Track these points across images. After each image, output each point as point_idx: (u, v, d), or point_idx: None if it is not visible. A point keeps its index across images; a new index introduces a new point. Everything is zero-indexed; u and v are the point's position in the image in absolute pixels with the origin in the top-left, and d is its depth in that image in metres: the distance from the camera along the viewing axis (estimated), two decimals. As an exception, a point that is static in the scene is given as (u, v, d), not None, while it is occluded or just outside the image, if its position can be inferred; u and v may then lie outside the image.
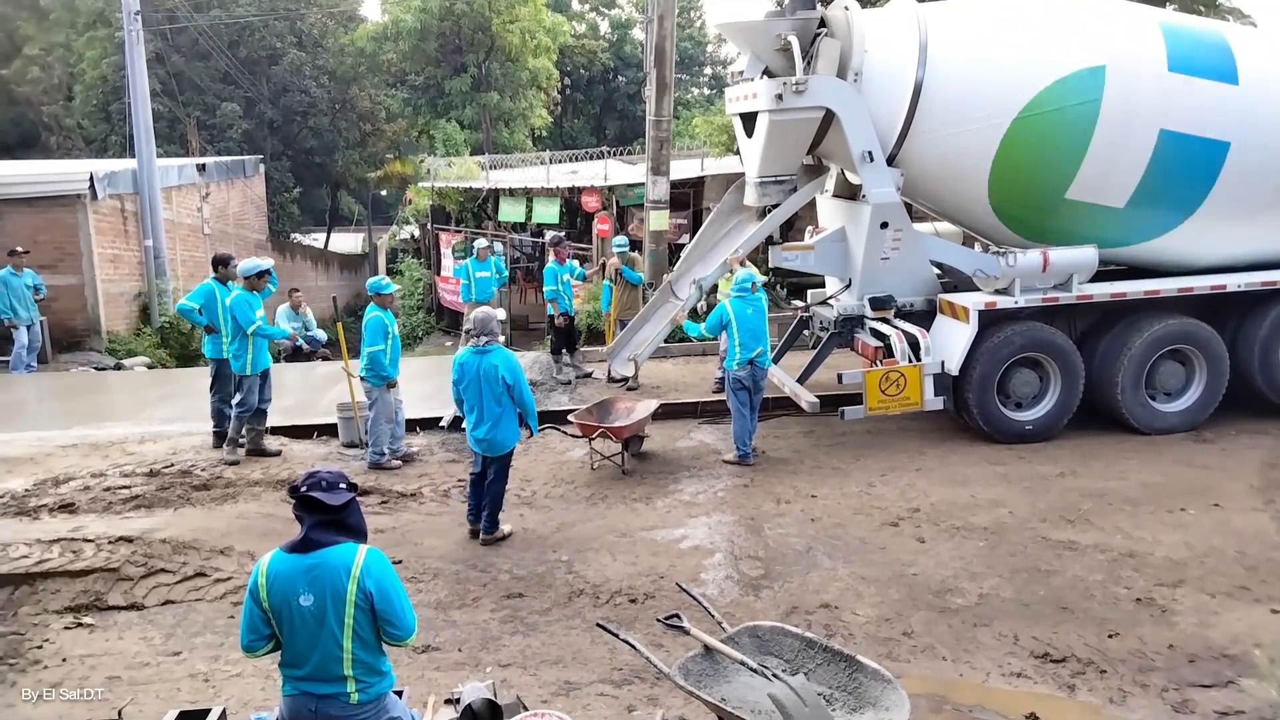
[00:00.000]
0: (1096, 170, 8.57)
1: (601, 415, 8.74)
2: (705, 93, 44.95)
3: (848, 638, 5.40)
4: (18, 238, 13.38)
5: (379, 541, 6.19)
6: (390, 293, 8.56)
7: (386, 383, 8.39)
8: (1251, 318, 9.17)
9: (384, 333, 8.30)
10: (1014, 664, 5.12)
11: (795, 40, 8.57)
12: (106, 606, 5.86)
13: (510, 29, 30.05)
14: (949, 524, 7.02)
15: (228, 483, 7.97)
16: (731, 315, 8.25)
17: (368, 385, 8.39)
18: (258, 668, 5.04)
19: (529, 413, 6.88)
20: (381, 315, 8.35)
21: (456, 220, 23.80)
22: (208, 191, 19.60)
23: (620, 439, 8.42)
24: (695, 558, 6.57)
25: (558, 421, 8.92)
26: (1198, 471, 8.05)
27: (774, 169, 9.14)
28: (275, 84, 28.59)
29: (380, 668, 3.45)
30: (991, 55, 8.52)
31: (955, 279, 9.44)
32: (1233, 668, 5.01)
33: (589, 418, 8.62)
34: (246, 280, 8.67)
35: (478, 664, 5.20)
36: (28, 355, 12.66)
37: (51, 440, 9.20)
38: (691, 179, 18.52)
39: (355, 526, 3.41)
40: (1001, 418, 8.87)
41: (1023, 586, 6.00)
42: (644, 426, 8.73)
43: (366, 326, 8.30)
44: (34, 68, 28.92)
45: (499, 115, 31.77)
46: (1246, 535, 6.65)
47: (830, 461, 8.62)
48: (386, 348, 8.32)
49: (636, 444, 8.81)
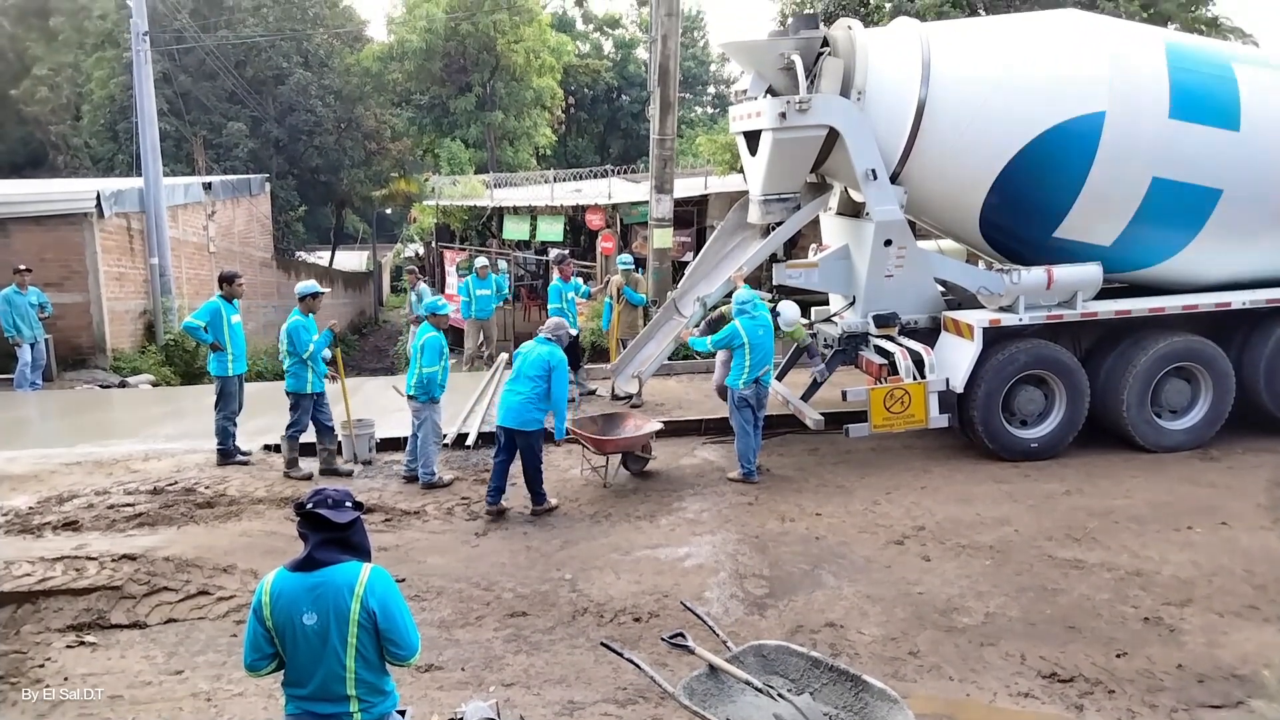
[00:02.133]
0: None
1: (606, 428, 8.72)
2: (709, 112, 45.21)
3: (853, 657, 5.36)
4: (25, 256, 13.45)
5: (383, 560, 6.17)
6: (446, 313, 8.65)
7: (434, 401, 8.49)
8: (1257, 335, 9.16)
9: (440, 353, 8.38)
10: (1021, 684, 5.08)
11: (799, 59, 8.62)
12: (109, 625, 5.84)
13: (515, 49, 30.27)
14: (954, 542, 6.99)
15: (231, 500, 7.96)
16: (745, 338, 8.25)
17: (417, 404, 8.42)
18: (260, 687, 5.01)
19: (557, 410, 7.66)
20: (439, 336, 8.43)
21: (461, 238, 23.90)
22: (213, 210, 19.70)
23: (603, 453, 8.38)
24: (699, 576, 6.54)
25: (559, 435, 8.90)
26: (1204, 490, 8.02)
27: (777, 187, 9.17)
28: (281, 103, 28.77)
29: (384, 687, 3.43)
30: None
31: (959, 296, 9.44)
32: (1243, 688, 4.97)
33: (591, 428, 8.61)
34: (302, 302, 8.68)
35: (481, 683, 5.17)
36: (32, 373, 12.69)
37: (55, 458, 9.20)
38: (695, 197, 18.60)
39: (359, 545, 3.40)
40: (1007, 435, 8.85)
41: (1029, 605, 5.96)
42: (639, 445, 8.67)
43: (425, 346, 8.34)
44: (42, 87, 29.15)
45: (503, 134, 31.95)
46: (1255, 554, 6.61)
47: (835, 479, 8.59)
48: (439, 368, 8.39)
49: (638, 463, 8.78)
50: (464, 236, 23.90)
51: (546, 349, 7.71)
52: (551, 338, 7.83)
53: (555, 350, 7.72)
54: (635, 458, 8.77)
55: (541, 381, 7.59)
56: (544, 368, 7.59)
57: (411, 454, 8.65)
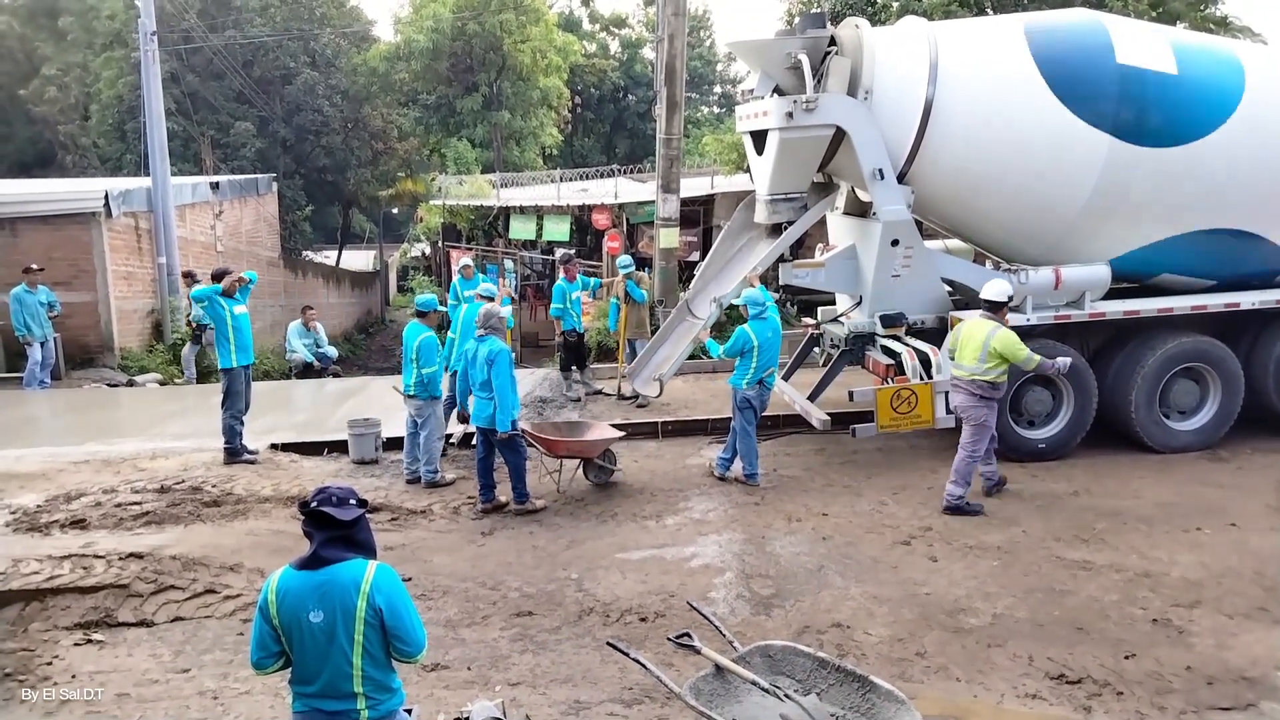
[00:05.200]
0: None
1: (568, 433, 8.62)
2: (715, 111, 45.21)
3: (860, 658, 5.35)
4: (34, 255, 13.50)
5: (388, 559, 6.14)
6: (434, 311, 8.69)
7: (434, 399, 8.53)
8: (1266, 335, 9.11)
9: (435, 351, 8.45)
10: (1029, 685, 5.06)
11: (806, 58, 8.60)
12: (116, 623, 5.85)
13: (521, 48, 30.30)
14: (962, 543, 6.97)
15: (238, 499, 7.97)
16: (755, 342, 8.20)
17: (419, 402, 8.43)
18: (267, 685, 5.02)
19: (500, 401, 7.50)
20: (433, 336, 8.47)
21: (467, 238, 23.93)
22: (221, 209, 19.73)
23: (554, 456, 8.27)
24: (706, 576, 6.53)
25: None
26: (1213, 490, 7.98)
27: (784, 186, 9.16)
28: (288, 103, 28.80)
29: (390, 684, 3.43)
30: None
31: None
32: (1253, 690, 4.94)
33: (551, 431, 8.55)
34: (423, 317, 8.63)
35: (487, 683, 5.17)
36: (41, 371, 12.74)
37: (64, 456, 9.23)
38: (701, 197, 18.60)
39: (365, 543, 3.40)
40: (1015, 436, 8.82)
41: (1037, 606, 5.94)
42: (593, 451, 8.37)
43: (421, 347, 8.36)
44: (51, 87, 29.26)
45: (510, 134, 31.98)
46: (1264, 555, 6.58)
47: (842, 479, 8.57)
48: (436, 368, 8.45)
49: (600, 474, 8.52)
50: (470, 236, 23.94)
51: (485, 345, 7.62)
52: (484, 331, 7.68)
53: (492, 342, 7.59)
54: (597, 467, 8.50)
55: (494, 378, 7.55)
56: (487, 363, 7.55)
57: (410, 456, 8.64)
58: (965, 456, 7.59)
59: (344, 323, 29.53)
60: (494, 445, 7.74)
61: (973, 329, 7.64)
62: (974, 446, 7.59)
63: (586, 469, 8.55)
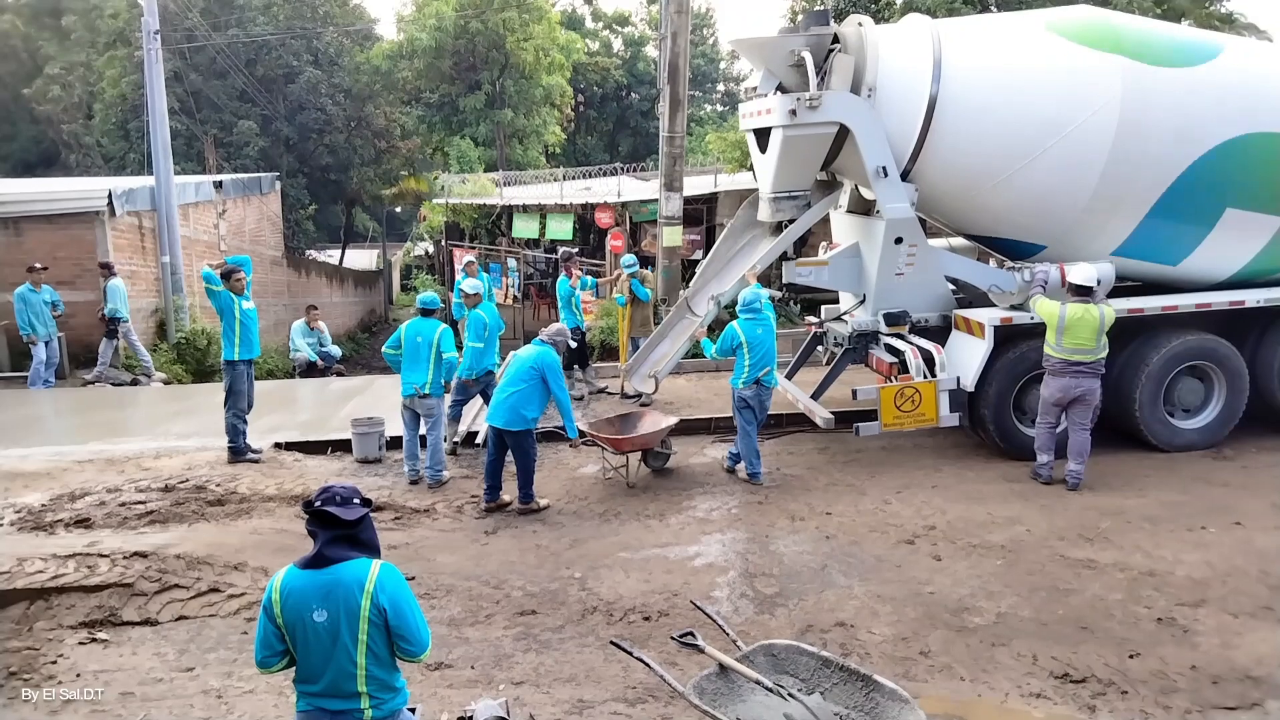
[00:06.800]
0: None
1: (623, 427, 8.71)
2: (718, 109, 45.20)
3: (864, 657, 5.34)
4: (38, 254, 13.52)
5: (392, 557, 6.17)
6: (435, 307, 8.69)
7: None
8: (1271, 333, 9.09)
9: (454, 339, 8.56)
10: (1033, 684, 5.05)
11: (809, 56, 8.58)
12: (121, 622, 5.86)
13: (524, 47, 30.32)
14: (966, 542, 6.96)
15: (242, 498, 7.98)
16: (743, 338, 8.21)
17: (432, 401, 8.45)
18: (271, 684, 5.02)
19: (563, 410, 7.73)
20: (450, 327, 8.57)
21: (471, 236, 23.95)
22: (224, 208, 19.76)
23: (620, 453, 8.37)
24: (709, 575, 6.53)
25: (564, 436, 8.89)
26: (1218, 489, 7.96)
27: (788, 184, 9.14)
28: (292, 102, 28.84)
29: (394, 684, 3.43)
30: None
31: (970, 294, 9.40)
32: (1258, 689, 4.93)
33: (607, 429, 8.60)
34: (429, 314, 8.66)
35: (490, 682, 5.17)
36: (45, 371, 12.77)
37: (68, 455, 9.25)
38: (705, 195, 18.58)
39: (369, 542, 3.40)
40: (1018, 434, 8.80)
41: (1041, 605, 5.93)
42: (655, 442, 8.64)
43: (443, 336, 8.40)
44: (55, 87, 29.33)
45: (513, 132, 32.00)
46: (1270, 554, 6.56)
47: (845, 478, 8.56)
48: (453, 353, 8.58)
49: (659, 459, 8.77)
50: (474, 235, 23.95)
51: (539, 350, 7.72)
52: (548, 340, 7.83)
53: (548, 352, 7.71)
54: (655, 454, 8.74)
55: (531, 383, 7.58)
56: (536, 369, 7.58)
57: (411, 456, 8.63)
58: (1083, 435, 7.97)
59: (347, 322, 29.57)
60: (506, 446, 7.74)
61: (1079, 313, 7.84)
62: (1090, 422, 8.01)
63: (646, 458, 8.70)
